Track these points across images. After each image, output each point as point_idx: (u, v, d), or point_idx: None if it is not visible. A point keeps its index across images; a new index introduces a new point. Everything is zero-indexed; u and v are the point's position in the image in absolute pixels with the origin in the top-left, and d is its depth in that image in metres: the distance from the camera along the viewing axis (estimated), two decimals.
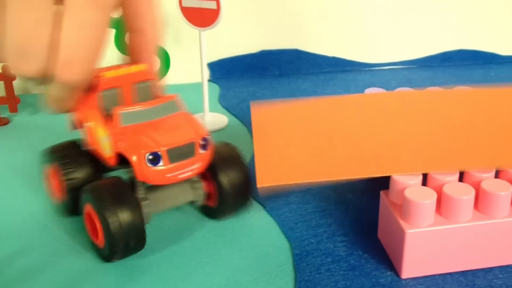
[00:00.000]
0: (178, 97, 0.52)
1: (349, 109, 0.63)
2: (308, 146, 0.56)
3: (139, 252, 0.52)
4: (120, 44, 0.79)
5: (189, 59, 0.94)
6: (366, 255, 0.51)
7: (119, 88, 0.50)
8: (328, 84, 0.92)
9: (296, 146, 0.56)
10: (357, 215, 0.57)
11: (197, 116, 0.79)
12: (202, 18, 0.72)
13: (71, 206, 0.54)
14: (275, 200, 0.59)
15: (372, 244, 0.53)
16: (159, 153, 0.47)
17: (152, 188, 0.52)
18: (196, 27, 0.73)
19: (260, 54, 0.97)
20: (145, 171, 0.47)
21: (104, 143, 0.50)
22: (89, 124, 0.51)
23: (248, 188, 0.55)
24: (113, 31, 0.77)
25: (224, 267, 0.50)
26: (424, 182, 0.49)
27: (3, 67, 0.82)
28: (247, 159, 0.68)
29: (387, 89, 0.70)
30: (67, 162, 0.53)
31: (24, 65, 0.43)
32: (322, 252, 0.52)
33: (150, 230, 0.55)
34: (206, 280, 0.49)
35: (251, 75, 0.97)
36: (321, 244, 0.53)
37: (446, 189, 0.47)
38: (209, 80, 0.96)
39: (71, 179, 0.53)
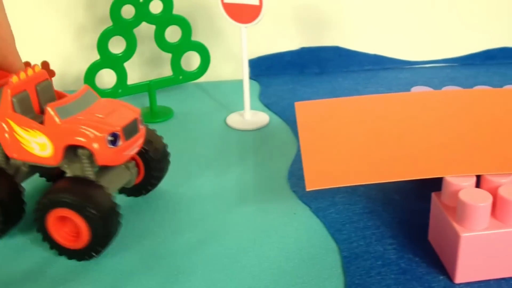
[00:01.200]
0: (89, 87, 0.53)
1: (396, 108, 0.62)
2: (355, 147, 0.55)
3: (184, 253, 0.51)
4: (161, 40, 0.78)
5: (228, 55, 0.93)
6: (417, 259, 0.50)
7: (26, 91, 0.51)
8: (370, 82, 0.91)
9: (343, 146, 0.55)
10: (406, 216, 0.55)
11: (238, 113, 0.78)
12: (244, 14, 0.71)
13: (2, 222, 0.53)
14: (321, 201, 0.58)
15: (423, 247, 0.51)
16: (117, 133, 0.49)
17: (98, 174, 0.53)
18: (238, 23, 0.72)
19: (300, 51, 0.95)
20: (106, 154, 0.49)
21: (39, 144, 0.50)
22: (4, 134, 0.50)
23: (167, 162, 0.60)
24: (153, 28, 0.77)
25: (271, 270, 0.49)
26: (478, 184, 0.48)
27: None
28: (290, 157, 0.67)
29: (431, 87, 0.69)
30: None
31: None
32: (372, 255, 0.50)
33: (195, 231, 0.55)
34: (253, 282, 0.48)
35: (290, 73, 0.96)
36: (370, 246, 0.51)
37: (501, 192, 0.45)
38: (250, 78, 0.95)
39: None
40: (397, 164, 0.51)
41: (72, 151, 0.50)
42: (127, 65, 0.77)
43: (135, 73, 0.83)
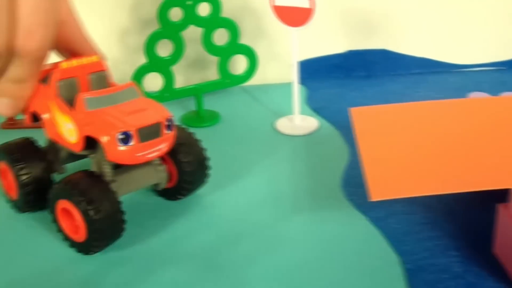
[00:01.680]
0: (135, 84, 0.53)
1: (456, 115, 0.60)
2: (418, 155, 0.53)
3: (243, 265, 0.50)
4: (208, 43, 0.76)
5: (273, 58, 0.92)
6: (484, 272, 0.48)
7: (75, 78, 0.52)
8: (419, 86, 0.89)
9: (405, 154, 0.53)
10: (468, 227, 0.53)
11: (287, 118, 0.77)
12: (295, 17, 0.70)
13: (24, 203, 0.56)
14: (378, 210, 0.56)
15: (488, 259, 0.49)
16: (129, 132, 0.48)
17: (118, 171, 0.54)
18: (289, 26, 0.70)
19: (347, 54, 0.94)
20: (116, 151, 0.48)
21: (68, 130, 0.51)
22: (47, 115, 0.52)
23: (205, 168, 0.59)
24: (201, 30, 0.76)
25: (334, 282, 0.48)
26: None
27: None
28: (343, 163, 0.65)
29: (483, 92, 0.67)
30: (17, 159, 0.55)
31: None
32: (437, 267, 0.48)
33: (251, 241, 0.53)
34: None
35: (337, 76, 0.94)
36: (434, 258, 0.50)
37: None
38: None
39: (21, 175, 0.54)
40: (462, 173, 0.49)
41: (97, 143, 0.51)
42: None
43: (179, 76, 0.82)
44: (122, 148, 0.48)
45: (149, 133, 0.50)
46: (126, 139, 0.48)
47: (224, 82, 0.80)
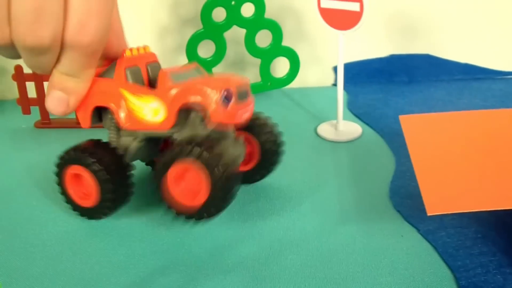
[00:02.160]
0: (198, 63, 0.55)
1: (507, 125, 0.58)
2: (472, 167, 0.51)
3: (290, 277, 0.49)
4: (251, 44, 0.75)
5: (314, 61, 0.90)
6: None
7: (139, 67, 0.52)
8: (463, 93, 0.87)
9: (459, 166, 0.51)
10: None
11: (329, 123, 0.75)
12: (342, 20, 0.68)
13: (108, 203, 0.55)
14: (429, 223, 0.54)
15: None
16: (231, 90, 0.49)
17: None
18: (336, 30, 0.68)
19: (389, 59, 0.92)
20: (219, 110, 0.49)
21: (153, 109, 0.51)
22: (117, 104, 0.52)
23: (279, 151, 0.60)
24: (244, 31, 0.74)
25: None
26: None
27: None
28: (389, 172, 0.64)
29: None
30: (94, 155, 0.53)
31: (40, 30, 0.42)
32: (492, 285, 0.47)
33: (298, 252, 0.52)
34: None
35: (378, 81, 0.92)
36: (488, 275, 0.48)
37: None
38: (333, 84, 0.92)
39: (100, 174, 0.53)
40: None
41: (183, 117, 0.51)
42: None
43: None
44: (226, 107, 0.49)
45: (242, 93, 0.51)
46: (229, 97, 0.49)
47: (265, 85, 0.79)
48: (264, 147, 0.58)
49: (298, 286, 0.47)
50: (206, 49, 0.76)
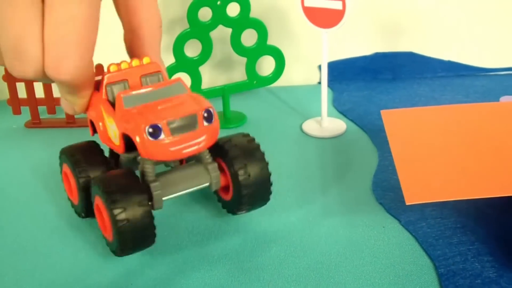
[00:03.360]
0: (182, 80, 0.50)
1: (487, 118, 0.59)
2: (450, 158, 0.52)
3: (274, 267, 0.50)
4: (237, 44, 0.76)
5: (299, 60, 0.92)
6: None
7: (126, 81, 0.49)
8: (446, 89, 0.88)
9: (437, 158, 0.53)
10: (501, 232, 0.53)
11: (314, 120, 0.76)
12: (325, 18, 0.69)
13: (85, 207, 0.54)
14: (410, 214, 0.55)
15: None
16: (158, 125, 0.45)
17: (163, 172, 0.52)
18: (319, 28, 0.70)
19: (374, 57, 0.93)
20: (147, 145, 0.45)
21: (113, 131, 0.49)
22: (99, 120, 0.50)
23: (267, 184, 0.53)
24: (229, 31, 0.75)
25: (367, 286, 0.48)
26: None
27: None
28: (372, 166, 0.65)
29: (510, 95, 0.66)
30: (78, 161, 0.53)
31: (20, 66, 0.42)
32: (470, 272, 0.48)
33: (282, 243, 0.53)
34: None
35: (363, 78, 0.94)
36: (467, 263, 0.49)
37: None
38: (319, 83, 0.93)
39: (82, 177, 0.52)
40: (495, 178, 0.49)
41: None
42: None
43: (204, 77, 0.81)
44: (153, 142, 0.46)
45: (183, 125, 0.46)
46: (155, 132, 0.45)
47: (251, 83, 0.80)
48: (237, 181, 0.52)
49: (282, 276, 0.49)
50: (193, 49, 0.77)
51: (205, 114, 0.47)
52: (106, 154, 0.55)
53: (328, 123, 0.76)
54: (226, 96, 0.79)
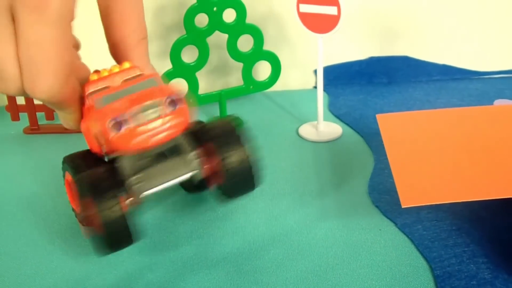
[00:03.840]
0: (158, 76, 0.49)
1: (482, 121, 0.60)
2: (445, 161, 0.53)
3: (272, 270, 0.51)
4: (233, 49, 0.77)
5: (294, 65, 0.92)
6: None
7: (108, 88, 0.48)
8: (441, 93, 0.89)
9: (433, 161, 0.53)
10: (495, 234, 0.53)
11: (310, 124, 0.77)
12: (321, 24, 0.70)
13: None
14: (406, 217, 0.56)
15: None
16: (118, 118, 0.44)
17: (141, 166, 0.50)
18: (314, 33, 0.70)
19: (369, 61, 0.94)
20: (110, 140, 0.44)
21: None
22: (85, 130, 0.49)
23: (251, 167, 0.52)
24: (225, 36, 0.76)
25: None
26: None
27: None
28: (368, 170, 0.66)
29: (506, 99, 0.67)
30: (79, 167, 0.51)
31: (2, 84, 0.42)
32: (465, 274, 0.49)
33: (279, 246, 0.54)
34: None
35: (358, 82, 0.94)
36: (462, 265, 0.50)
37: None
38: (314, 87, 0.94)
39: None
40: (490, 180, 0.50)
41: None
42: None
43: (201, 82, 0.82)
44: (116, 135, 0.44)
45: (144, 115, 0.45)
46: (116, 125, 0.44)
47: (247, 88, 0.81)
48: (225, 166, 0.50)
49: (280, 278, 0.49)
50: (189, 54, 0.78)
51: (169, 100, 0.46)
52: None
53: (324, 127, 0.77)
54: (223, 101, 0.80)
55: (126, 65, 0.50)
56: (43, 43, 0.41)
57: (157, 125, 0.45)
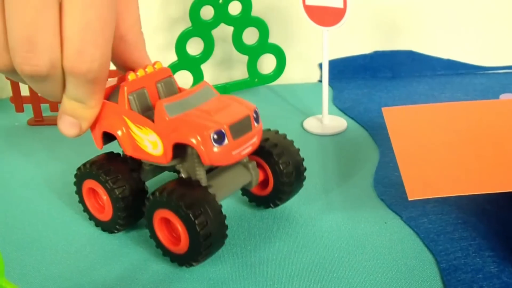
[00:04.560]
0: (208, 83, 0.51)
1: (487, 115, 0.60)
2: (451, 155, 0.53)
3: (278, 262, 0.50)
4: (238, 42, 0.77)
5: (299, 58, 0.92)
6: None
7: (144, 89, 0.49)
8: (445, 87, 0.89)
9: (439, 154, 0.53)
10: (501, 228, 0.53)
11: (315, 118, 0.77)
12: (327, 17, 0.69)
13: (119, 219, 0.52)
14: (411, 210, 0.56)
15: None
16: (223, 130, 0.45)
17: (211, 175, 0.51)
18: (320, 26, 0.70)
19: (373, 55, 0.93)
20: (211, 152, 0.45)
21: (151, 142, 0.48)
22: (122, 131, 0.49)
23: (301, 175, 0.55)
24: (231, 29, 0.76)
25: (369, 281, 0.48)
26: None
27: None
28: (373, 163, 0.66)
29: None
30: (109, 172, 0.51)
31: (34, 60, 0.40)
32: (471, 267, 0.48)
33: (285, 239, 0.54)
34: None
35: (362, 77, 0.94)
36: (468, 258, 0.50)
37: None
38: (319, 81, 0.93)
39: (119, 187, 0.51)
40: (496, 174, 0.50)
41: (185, 150, 0.49)
42: None
43: (206, 74, 0.82)
44: (217, 148, 0.46)
45: (240, 128, 0.47)
46: (220, 138, 0.45)
47: (252, 81, 0.81)
48: (277, 176, 0.54)
49: (286, 270, 0.49)
50: (195, 47, 0.78)
51: (254, 115, 0.49)
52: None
53: (329, 121, 0.77)
54: (227, 94, 0.79)
55: (159, 65, 0.51)
56: (100, 7, 0.40)
57: (248, 139, 0.48)
